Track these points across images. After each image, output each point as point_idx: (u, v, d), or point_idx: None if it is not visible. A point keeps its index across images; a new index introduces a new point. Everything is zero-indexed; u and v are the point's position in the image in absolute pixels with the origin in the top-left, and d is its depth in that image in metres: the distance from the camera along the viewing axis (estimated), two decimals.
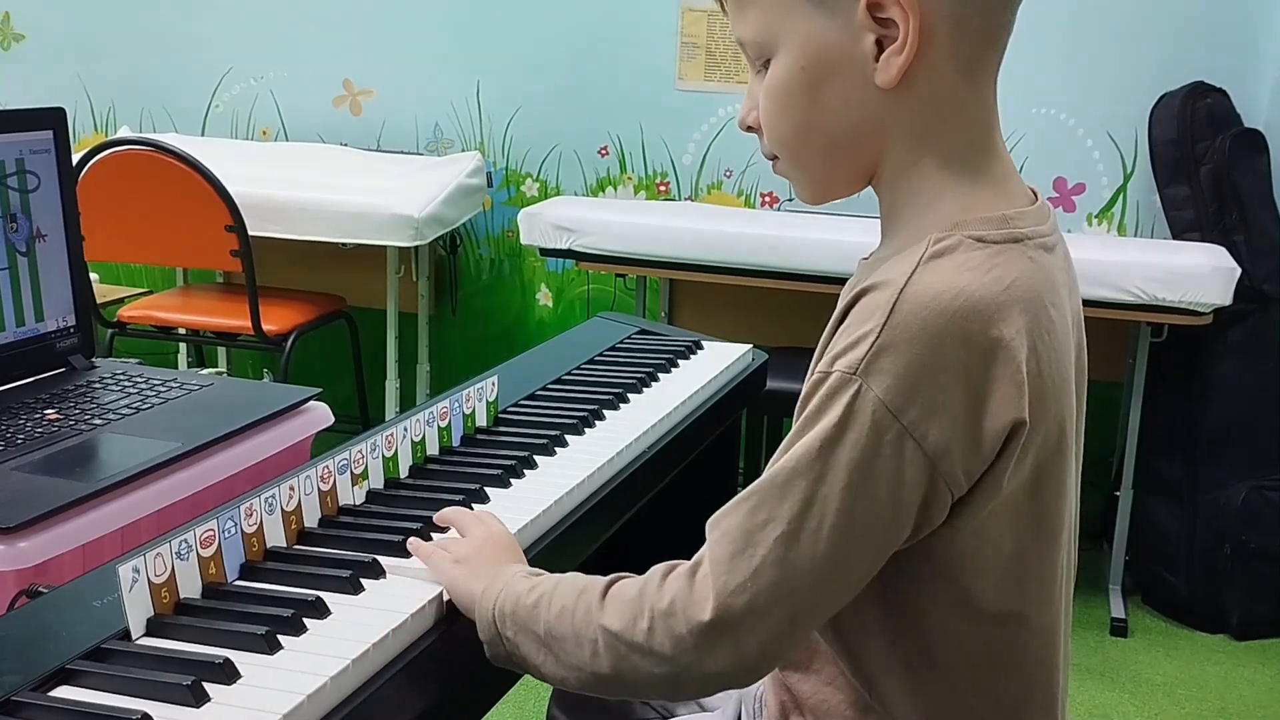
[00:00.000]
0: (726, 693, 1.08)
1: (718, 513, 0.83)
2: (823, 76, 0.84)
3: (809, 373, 0.84)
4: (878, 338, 0.78)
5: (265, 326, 2.85)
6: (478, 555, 0.95)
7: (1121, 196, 3.01)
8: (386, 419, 3.11)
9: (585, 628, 0.85)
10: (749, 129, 0.91)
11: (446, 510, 1.04)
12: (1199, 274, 2.48)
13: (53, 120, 1.34)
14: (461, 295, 3.44)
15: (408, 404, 3.27)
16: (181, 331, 3.04)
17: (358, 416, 3.28)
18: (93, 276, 2.88)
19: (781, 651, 0.82)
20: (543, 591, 0.89)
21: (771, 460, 0.82)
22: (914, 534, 0.81)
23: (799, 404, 0.83)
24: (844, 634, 0.90)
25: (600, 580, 0.88)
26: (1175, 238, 2.83)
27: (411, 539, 0.98)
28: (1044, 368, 0.82)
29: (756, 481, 0.82)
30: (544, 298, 3.40)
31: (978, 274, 0.80)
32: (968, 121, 0.86)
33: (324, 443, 1.33)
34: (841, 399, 0.78)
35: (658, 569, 0.85)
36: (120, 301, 3.13)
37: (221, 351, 3.49)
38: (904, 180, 0.86)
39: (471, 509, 1.05)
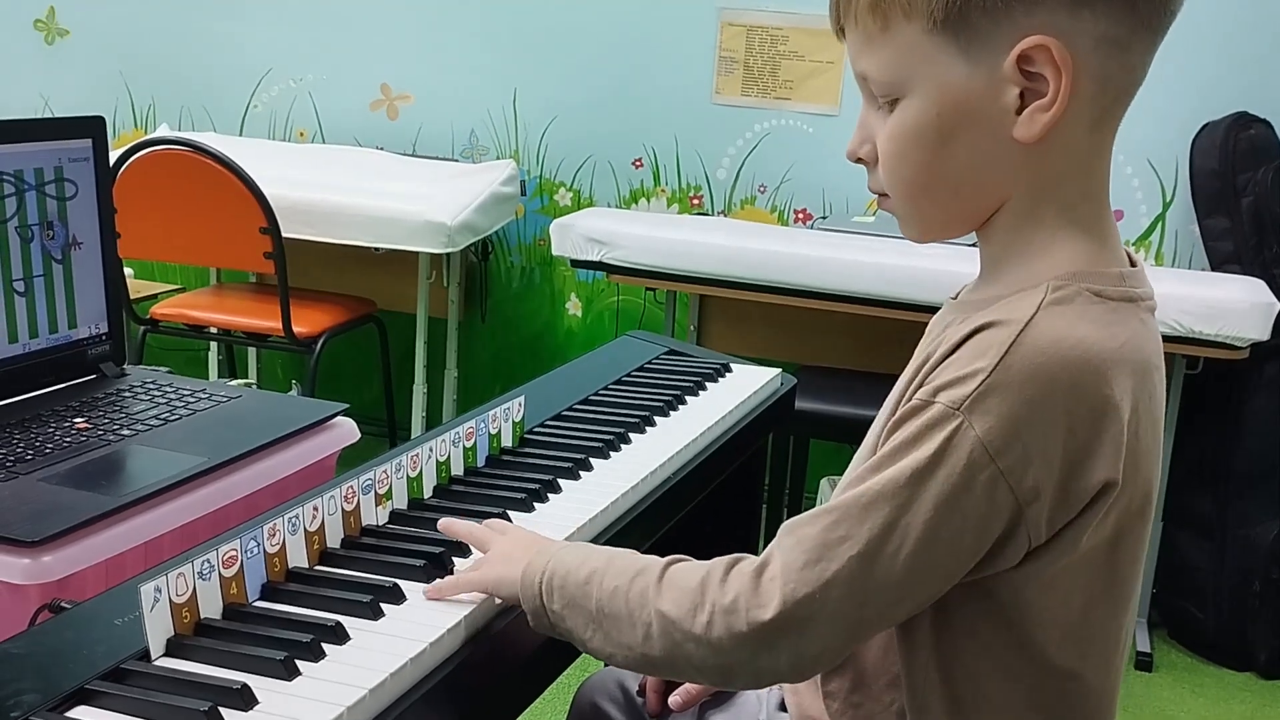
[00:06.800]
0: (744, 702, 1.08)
1: (794, 519, 0.84)
2: (957, 125, 0.82)
3: (901, 397, 0.83)
4: (988, 377, 0.77)
5: (296, 328, 2.86)
6: (512, 549, 0.95)
7: (1160, 225, 2.98)
8: (413, 423, 3.15)
9: (640, 610, 0.85)
10: (858, 161, 0.89)
11: (457, 524, 1.01)
12: (1237, 308, 2.44)
13: (92, 129, 1.35)
14: (491, 302, 3.45)
15: (434, 409, 3.28)
16: (213, 331, 3.06)
17: (384, 420, 3.29)
18: (127, 272, 2.90)
19: (837, 656, 0.84)
20: (594, 568, 0.88)
21: (854, 478, 0.82)
22: (978, 569, 0.81)
23: (889, 426, 0.82)
24: (900, 661, 0.88)
25: (657, 562, 0.88)
26: (1214, 269, 2.80)
27: (432, 585, 0.94)
28: (1141, 431, 0.82)
29: (840, 498, 0.82)
30: (574, 307, 3.40)
31: (1097, 328, 0.80)
32: (1089, 173, 0.85)
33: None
34: (940, 433, 0.78)
35: (721, 562, 0.85)
36: (153, 298, 3.15)
37: (251, 352, 3.50)
38: (1021, 228, 0.85)
39: None
